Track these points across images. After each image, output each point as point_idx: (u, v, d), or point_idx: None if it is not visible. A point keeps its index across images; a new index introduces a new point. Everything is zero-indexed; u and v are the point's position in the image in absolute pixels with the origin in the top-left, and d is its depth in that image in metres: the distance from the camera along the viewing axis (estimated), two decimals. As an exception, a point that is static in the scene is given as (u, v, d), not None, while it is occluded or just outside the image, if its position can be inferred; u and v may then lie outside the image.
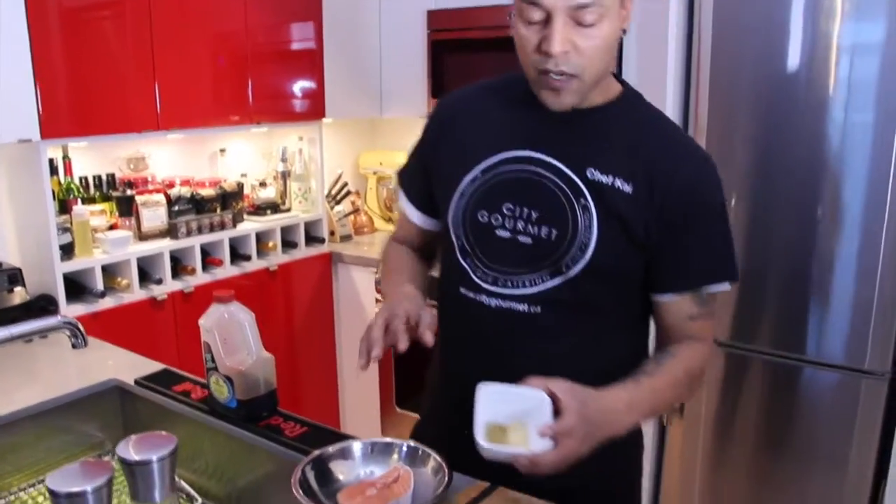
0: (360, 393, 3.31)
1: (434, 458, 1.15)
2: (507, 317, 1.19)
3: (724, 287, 1.18)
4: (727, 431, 2.38)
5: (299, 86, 3.10)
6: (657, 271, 1.17)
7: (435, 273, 1.40)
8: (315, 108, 3.16)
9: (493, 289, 1.19)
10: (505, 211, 1.18)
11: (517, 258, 1.17)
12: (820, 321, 2.19)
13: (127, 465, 0.79)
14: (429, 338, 1.13)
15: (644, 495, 2.47)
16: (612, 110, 1.18)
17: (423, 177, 1.34)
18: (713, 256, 1.18)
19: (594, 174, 1.14)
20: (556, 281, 1.16)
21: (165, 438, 0.82)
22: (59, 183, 2.52)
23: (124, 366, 1.77)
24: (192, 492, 1.53)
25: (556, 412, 1.01)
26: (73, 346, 1.22)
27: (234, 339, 1.46)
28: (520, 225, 1.17)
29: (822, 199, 2.13)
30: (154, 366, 1.77)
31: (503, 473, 1.12)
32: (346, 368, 3.35)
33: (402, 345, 1.12)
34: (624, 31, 1.11)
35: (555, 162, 1.16)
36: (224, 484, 1.53)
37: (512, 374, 1.07)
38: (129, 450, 0.80)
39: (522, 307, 1.18)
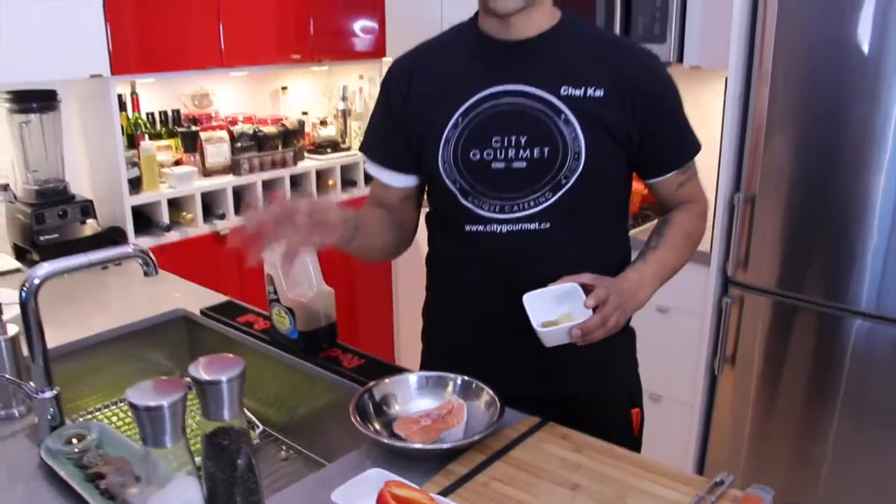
0: (415, 328, 3.33)
1: (487, 392, 1.19)
2: (521, 237, 1.25)
3: (696, 155, 1.34)
4: (777, 383, 2.32)
5: (360, 24, 3.09)
6: (644, 162, 1.30)
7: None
8: (376, 47, 3.15)
9: (501, 216, 1.25)
10: (494, 144, 1.22)
11: (517, 183, 1.23)
12: (880, 272, 2.09)
13: (199, 384, 0.83)
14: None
15: (692, 445, 2.52)
16: (562, 31, 1.25)
17: (394, 139, 1.33)
18: (684, 135, 1.32)
19: (568, 90, 1.21)
20: (558, 194, 1.22)
21: (233, 360, 0.86)
22: (128, 118, 2.59)
23: (190, 297, 1.85)
24: (254, 419, 1.59)
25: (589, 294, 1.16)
26: (145, 274, 1.27)
27: (296, 272, 1.50)
28: (511, 153, 1.22)
29: (882, 143, 2.01)
30: (218, 297, 1.84)
31: (550, 412, 1.21)
32: (402, 304, 3.41)
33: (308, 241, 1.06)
34: None
35: (528, 88, 1.21)
36: (284, 413, 1.59)
37: (530, 287, 1.18)
38: (200, 371, 0.84)
39: (533, 225, 1.24)
